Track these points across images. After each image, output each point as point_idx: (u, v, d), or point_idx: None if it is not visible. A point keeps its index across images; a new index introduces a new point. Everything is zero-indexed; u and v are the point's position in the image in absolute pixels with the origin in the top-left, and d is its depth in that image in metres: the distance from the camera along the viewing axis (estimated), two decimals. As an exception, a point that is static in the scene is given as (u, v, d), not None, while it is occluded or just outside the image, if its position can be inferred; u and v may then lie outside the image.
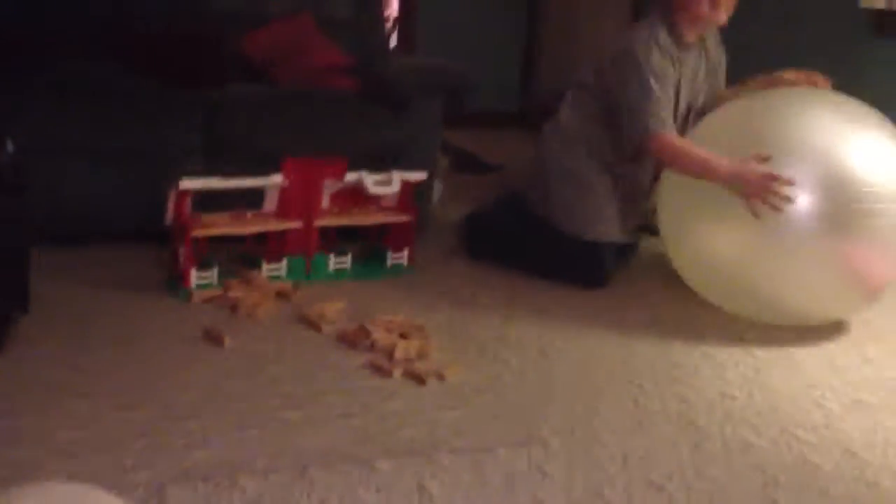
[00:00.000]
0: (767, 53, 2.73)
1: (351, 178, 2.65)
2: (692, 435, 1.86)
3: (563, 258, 2.74)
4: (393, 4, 6.30)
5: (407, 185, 2.74)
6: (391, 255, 2.77)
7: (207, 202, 2.54)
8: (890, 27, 3.35)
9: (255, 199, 2.60)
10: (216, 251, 2.55)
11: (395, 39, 6.06)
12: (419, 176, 2.77)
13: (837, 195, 2.22)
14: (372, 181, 2.66)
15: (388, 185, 2.69)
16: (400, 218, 2.76)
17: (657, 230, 2.70)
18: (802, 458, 1.80)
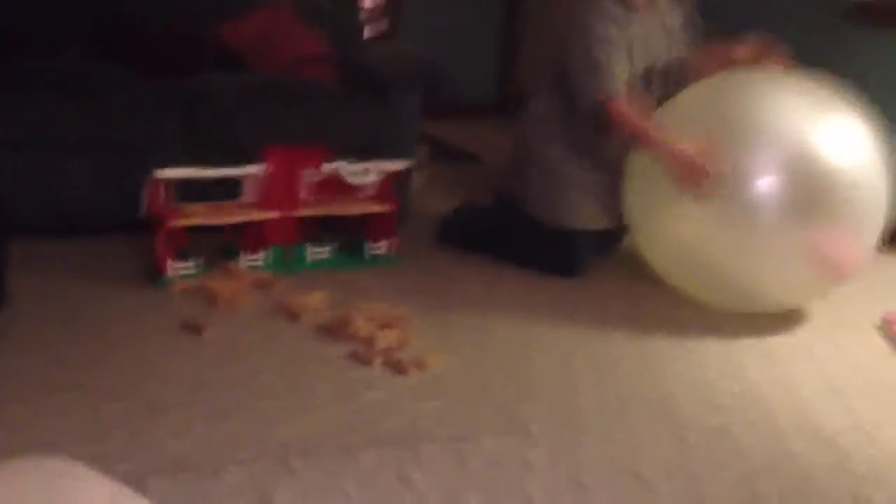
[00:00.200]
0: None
1: (330, 167, 2.64)
2: (672, 423, 1.87)
3: (538, 247, 2.75)
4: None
5: (387, 174, 2.73)
6: (371, 244, 2.77)
7: (186, 192, 2.52)
8: (871, 15, 3.37)
9: (233, 188, 2.59)
10: (195, 242, 2.54)
11: (375, 29, 6.05)
12: (399, 166, 2.77)
13: (804, 180, 2.21)
14: (350, 170, 2.66)
15: (366, 175, 2.69)
16: (380, 208, 2.75)
17: None
18: (780, 445, 1.82)
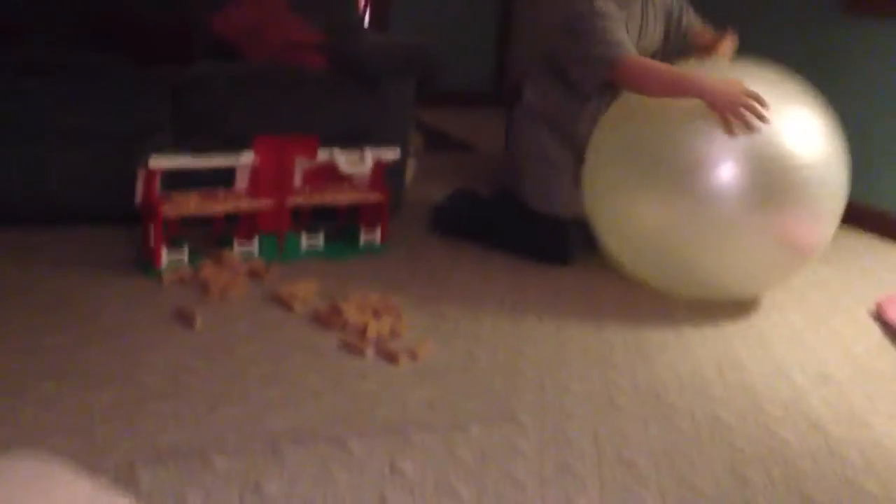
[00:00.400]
0: (737, 34, 2.72)
1: (323, 156, 2.64)
2: (662, 411, 1.88)
3: (531, 235, 2.76)
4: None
5: (379, 163, 2.73)
6: (364, 233, 2.76)
7: (178, 181, 2.51)
8: (860, 5, 3.37)
9: (226, 177, 2.58)
10: (187, 230, 2.53)
11: (368, 19, 6.02)
12: (392, 154, 2.76)
13: (765, 166, 2.18)
14: (344, 159, 2.65)
15: (360, 162, 2.68)
16: (373, 196, 2.75)
17: None
18: (770, 432, 1.82)
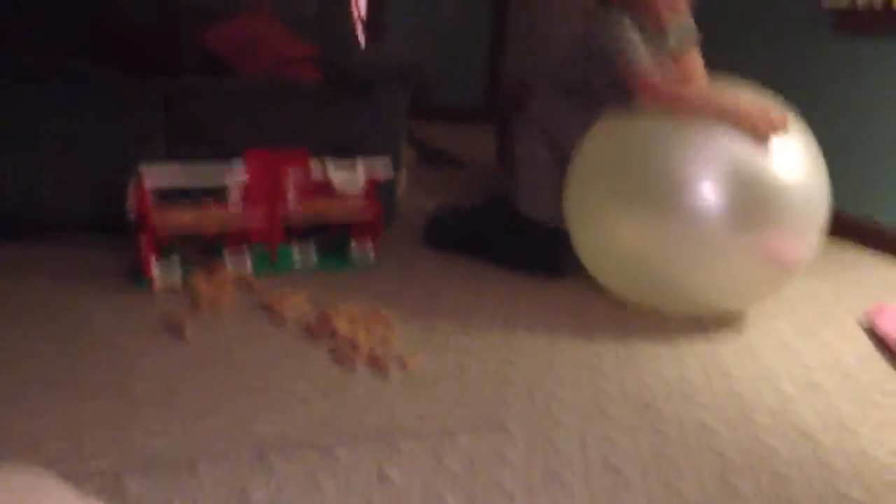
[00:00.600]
0: (728, 50, 2.75)
1: (316, 168, 2.65)
2: (651, 419, 1.88)
3: (524, 246, 2.78)
4: (361, 2, 6.30)
5: (372, 176, 2.74)
6: (355, 245, 2.77)
7: (170, 192, 2.52)
8: (849, 23, 3.40)
9: (219, 189, 2.59)
10: (178, 241, 2.54)
11: (362, 34, 6.06)
12: (384, 167, 2.77)
13: (747, 185, 2.19)
14: (337, 175, 2.66)
15: (352, 173, 2.69)
16: (365, 209, 2.75)
17: None
18: (758, 440, 1.82)
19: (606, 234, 2.36)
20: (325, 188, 2.70)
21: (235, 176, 2.54)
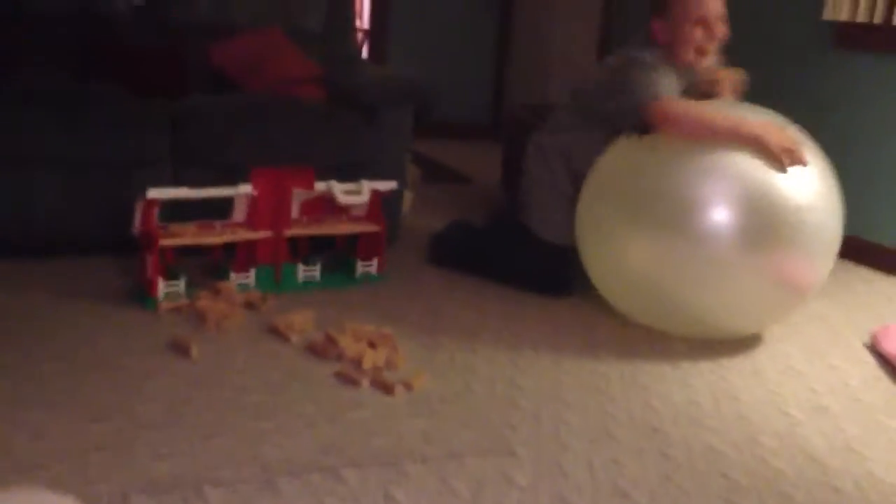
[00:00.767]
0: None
1: (320, 187, 2.66)
2: (658, 442, 1.87)
3: (528, 263, 2.78)
4: (364, 17, 6.32)
5: (376, 194, 2.74)
6: (361, 264, 2.77)
7: (176, 212, 2.53)
8: (850, 40, 3.40)
9: (223, 208, 2.60)
10: (183, 261, 2.54)
11: (366, 52, 6.09)
12: (389, 185, 2.78)
13: (758, 208, 2.19)
14: (341, 190, 2.67)
15: (357, 194, 2.70)
16: (369, 227, 2.76)
17: None
18: (765, 463, 1.81)
19: (618, 254, 2.36)
20: (330, 204, 2.70)
21: (241, 192, 2.54)
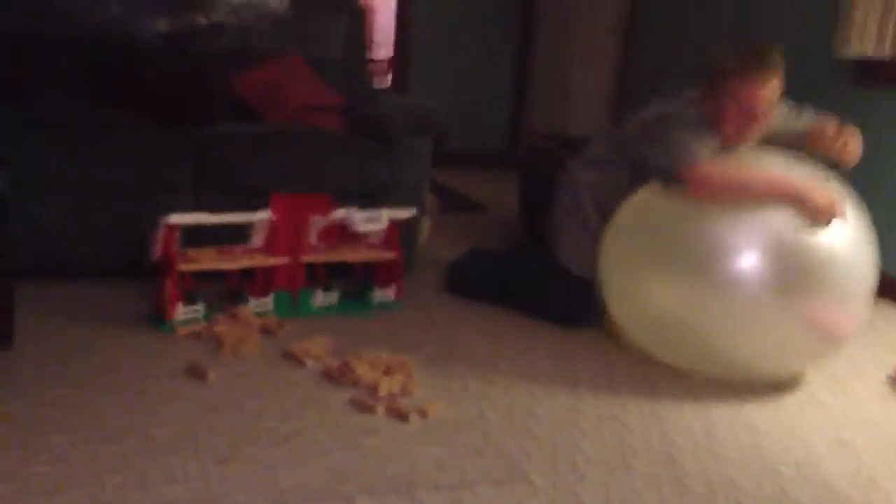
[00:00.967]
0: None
1: (339, 214, 2.67)
2: (675, 472, 1.85)
3: (547, 291, 2.76)
4: (388, 47, 6.38)
5: (394, 222, 2.75)
6: (378, 291, 2.77)
7: (195, 237, 2.54)
8: (871, 77, 3.39)
9: (242, 234, 2.61)
10: (202, 286, 2.55)
11: (388, 81, 6.14)
12: (407, 213, 2.78)
13: (788, 254, 2.17)
14: (360, 218, 2.68)
15: (376, 222, 2.71)
16: (387, 255, 2.76)
17: None
18: (785, 494, 1.79)
19: (642, 295, 2.35)
20: (347, 231, 2.71)
21: (260, 218, 2.56)
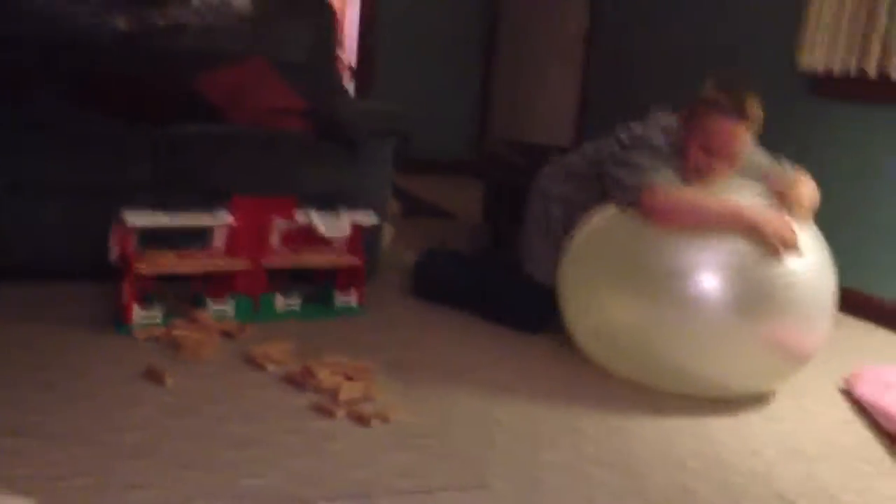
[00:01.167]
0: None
1: (301, 217, 2.66)
2: (633, 481, 1.87)
3: (518, 300, 2.78)
4: (351, 52, 6.38)
5: (357, 226, 2.75)
6: (340, 295, 2.77)
7: (154, 238, 2.52)
8: (828, 89, 3.47)
9: (202, 235, 2.59)
10: (161, 289, 2.53)
11: (351, 87, 6.13)
12: (370, 220, 2.78)
13: (748, 274, 2.20)
14: (321, 221, 2.67)
15: (337, 224, 2.70)
16: (350, 259, 2.76)
17: None
18: (740, 505, 1.82)
19: (601, 315, 2.37)
20: (310, 235, 2.70)
21: (220, 220, 2.54)
